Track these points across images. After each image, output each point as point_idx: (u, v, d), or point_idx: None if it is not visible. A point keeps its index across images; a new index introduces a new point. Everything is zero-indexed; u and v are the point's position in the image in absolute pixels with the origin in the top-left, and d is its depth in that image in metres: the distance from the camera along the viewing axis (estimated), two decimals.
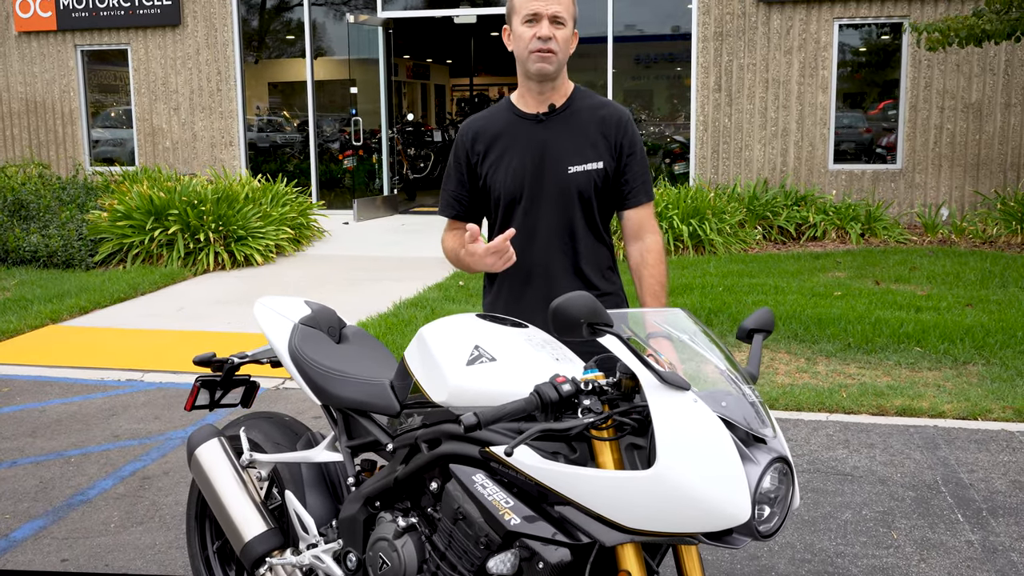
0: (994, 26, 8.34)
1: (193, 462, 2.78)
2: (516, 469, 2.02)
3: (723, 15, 11.69)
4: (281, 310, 2.82)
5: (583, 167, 2.58)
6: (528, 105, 2.62)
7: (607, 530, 1.90)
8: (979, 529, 3.66)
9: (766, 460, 1.84)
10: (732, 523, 1.79)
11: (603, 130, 2.60)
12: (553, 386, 1.94)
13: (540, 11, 2.48)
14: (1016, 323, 6.48)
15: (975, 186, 11.35)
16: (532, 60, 2.52)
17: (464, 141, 2.65)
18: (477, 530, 2.07)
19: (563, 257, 2.62)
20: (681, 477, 1.78)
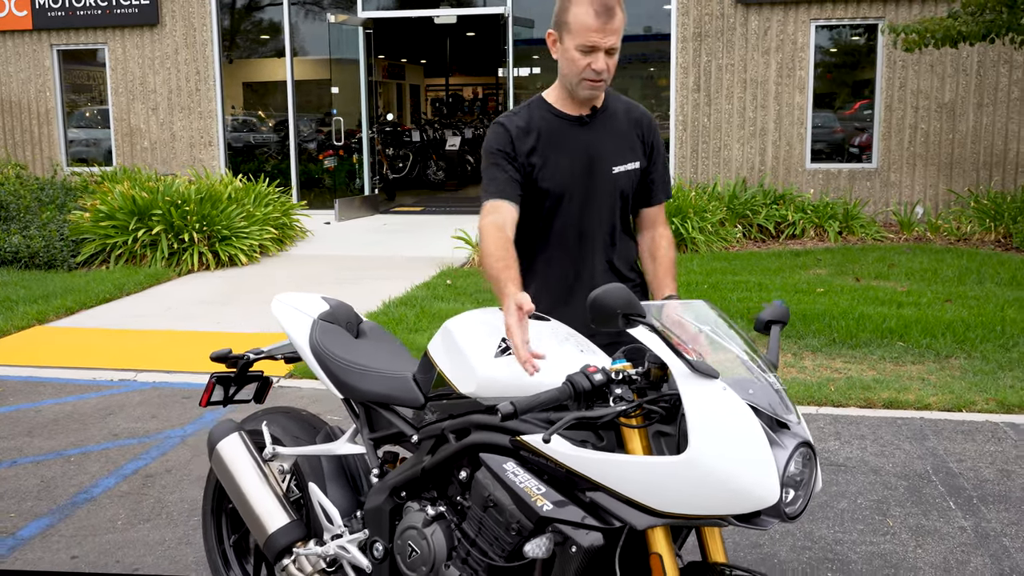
0: (969, 28, 8.52)
1: (214, 456, 2.82)
2: (548, 457, 2.08)
3: (702, 16, 11.82)
4: (300, 306, 2.86)
5: (625, 167, 2.65)
6: (568, 107, 2.64)
7: (638, 514, 1.96)
8: (971, 516, 3.77)
9: (792, 445, 1.92)
10: (761, 505, 1.86)
11: (638, 131, 2.68)
12: (585, 376, 2.01)
13: (599, 44, 2.46)
14: (995, 318, 6.64)
15: (949, 185, 11.56)
16: (583, 87, 2.54)
17: (508, 136, 2.60)
18: (508, 516, 2.13)
19: (604, 254, 2.69)
20: (713, 461, 1.85)
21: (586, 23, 2.45)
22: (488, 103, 29.40)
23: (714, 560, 2.12)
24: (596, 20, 2.44)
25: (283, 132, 13.57)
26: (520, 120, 2.63)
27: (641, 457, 1.95)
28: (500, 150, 2.59)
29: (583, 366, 2.06)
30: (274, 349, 3.04)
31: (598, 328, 1.98)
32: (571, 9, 2.48)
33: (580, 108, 2.64)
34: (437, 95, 29.02)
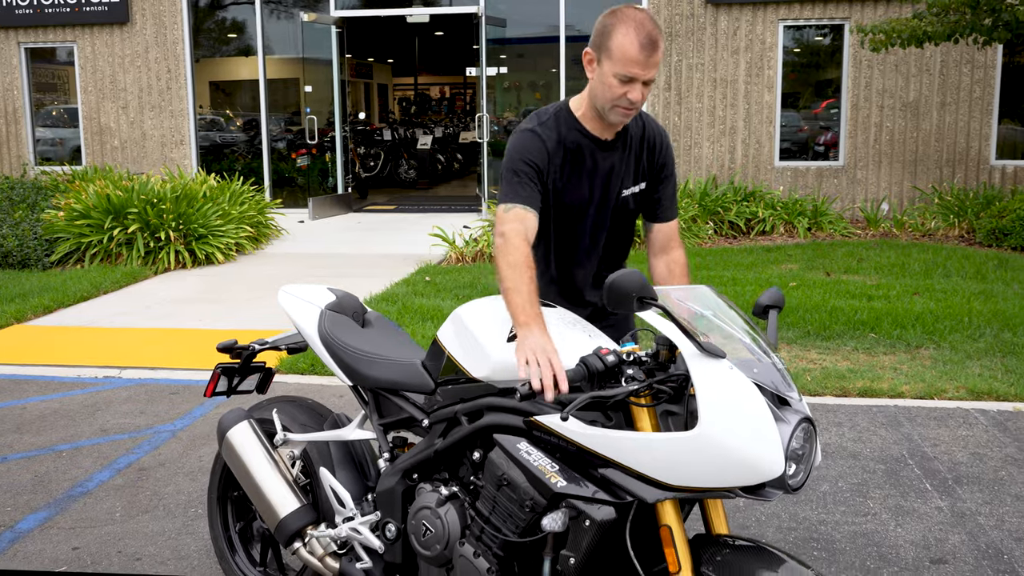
0: (935, 28, 8.75)
1: (225, 444, 2.88)
2: (561, 435, 2.17)
3: (672, 16, 11.98)
4: (307, 297, 2.94)
5: (632, 190, 2.70)
6: (595, 128, 2.62)
7: (649, 488, 2.06)
8: (947, 496, 3.93)
9: (795, 420, 2.03)
10: (768, 477, 1.97)
11: (648, 151, 2.70)
12: (599, 357, 2.11)
13: (638, 76, 2.43)
14: (962, 310, 6.84)
15: (913, 181, 11.83)
16: (616, 113, 2.52)
17: (545, 150, 2.57)
18: (522, 494, 2.22)
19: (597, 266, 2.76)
20: (723, 436, 1.96)
21: (630, 54, 2.41)
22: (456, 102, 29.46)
23: (717, 532, 2.22)
24: (640, 53, 2.41)
25: (255, 131, 13.54)
26: (551, 132, 2.59)
27: (653, 434, 2.05)
28: (533, 163, 2.55)
29: (595, 348, 2.16)
30: (279, 340, 3.11)
31: (613, 310, 2.07)
32: (615, 36, 2.44)
33: (606, 131, 2.63)
34: (405, 94, 29.02)
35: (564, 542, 2.19)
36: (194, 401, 5.30)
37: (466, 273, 8.46)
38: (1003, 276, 8.18)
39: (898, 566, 3.35)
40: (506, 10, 12.86)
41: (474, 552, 2.33)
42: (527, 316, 2.28)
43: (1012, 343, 6.08)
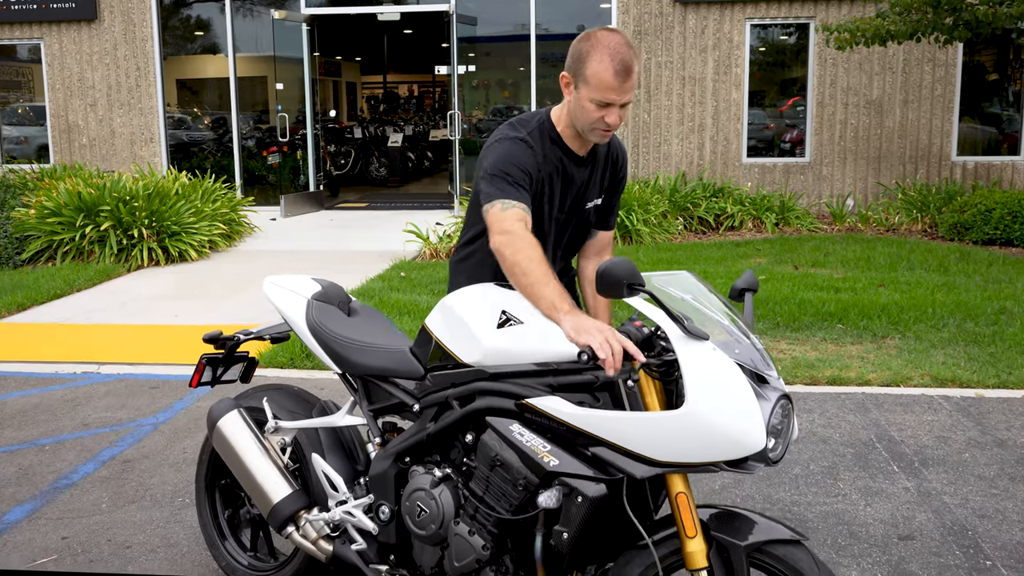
0: (897, 27, 8.95)
1: (215, 433, 2.94)
2: (552, 416, 2.27)
3: (641, 14, 12.12)
4: (293, 287, 3.00)
5: (595, 202, 2.83)
6: (574, 144, 2.70)
7: (638, 465, 2.17)
8: (913, 477, 4.07)
9: (774, 397, 2.14)
10: (751, 451, 2.07)
11: (612, 167, 2.83)
12: (636, 328, 2.23)
13: (614, 101, 2.51)
14: (925, 301, 7.03)
15: (877, 177, 12.07)
16: (594, 135, 2.62)
17: (535, 160, 2.63)
18: (515, 474, 2.31)
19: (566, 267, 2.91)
20: (708, 414, 2.06)
21: (605, 80, 2.48)
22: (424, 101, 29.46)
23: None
24: (615, 79, 2.47)
25: (224, 129, 13.51)
26: (539, 144, 2.66)
27: (641, 413, 2.15)
28: (527, 171, 2.59)
29: (631, 319, 2.26)
30: (263, 330, 3.17)
31: (605, 296, 2.17)
32: (590, 63, 2.49)
33: (582, 148, 2.72)
34: (373, 92, 28.97)
35: (556, 518, 2.28)
36: (174, 395, 5.33)
37: (441, 269, 8.54)
38: (965, 269, 8.40)
39: (868, 543, 3.49)
40: (477, 8, 12.93)
41: (469, 530, 2.42)
42: (567, 303, 2.31)
43: (974, 332, 6.27)
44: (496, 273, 2.62)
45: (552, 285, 2.35)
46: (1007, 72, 12.29)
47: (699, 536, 2.18)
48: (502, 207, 2.52)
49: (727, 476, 4.09)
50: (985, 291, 7.44)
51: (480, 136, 13.70)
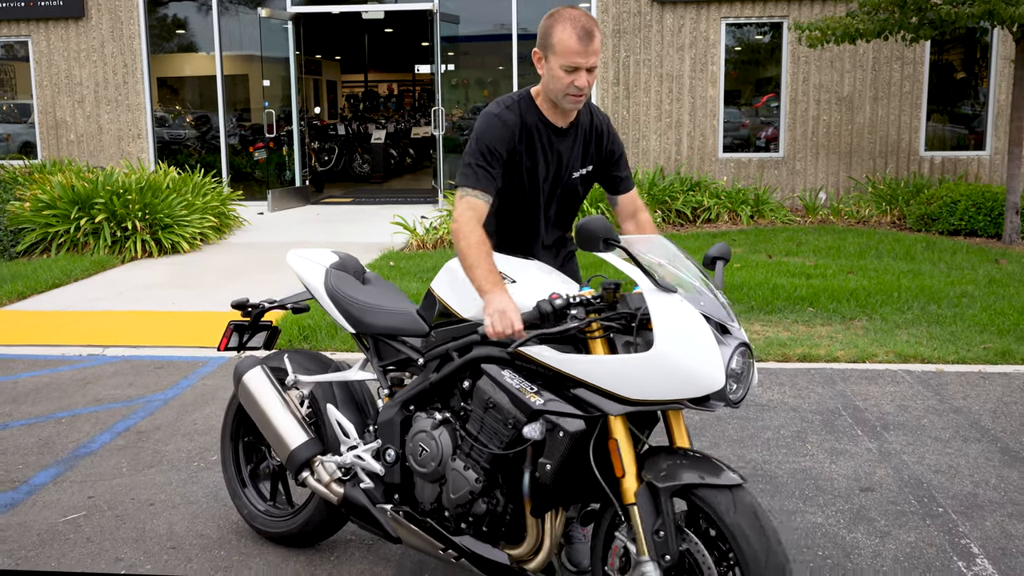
0: (866, 26, 9.32)
1: (241, 387, 3.23)
2: (540, 362, 2.57)
3: (620, 13, 12.46)
4: (313, 258, 3.30)
5: (580, 172, 3.09)
6: (554, 117, 2.96)
7: (612, 403, 2.47)
8: (875, 439, 4.41)
9: (734, 344, 2.45)
10: (710, 390, 2.38)
11: (595, 138, 3.09)
12: (549, 302, 2.51)
13: (580, 64, 2.78)
14: (892, 286, 7.40)
15: (848, 172, 12.47)
16: (567, 101, 2.86)
17: (507, 134, 2.90)
18: (505, 414, 2.61)
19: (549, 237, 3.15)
20: (674, 356, 2.36)
21: (569, 46, 2.76)
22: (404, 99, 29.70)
23: (678, 445, 2.63)
24: (579, 44, 2.75)
25: (211, 125, 13.71)
26: (515, 116, 2.93)
27: (616, 356, 2.46)
28: (494, 149, 2.86)
29: (549, 294, 2.56)
30: (285, 299, 3.47)
31: (583, 249, 2.47)
32: (555, 33, 2.79)
33: (560, 119, 2.97)
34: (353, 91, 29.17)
35: (541, 454, 2.57)
36: (180, 374, 5.59)
37: (428, 259, 8.82)
38: (930, 257, 8.79)
39: (832, 494, 3.82)
40: (459, 7, 13.22)
41: (464, 466, 2.71)
42: (489, 284, 2.64)
43: (936, 314, 6.64)
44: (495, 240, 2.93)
45: (483, 267, 2.68)
46: (974, 71, 12.72)
47: (629, 475, 2.47)
48: (461, 195, 2.85)
49: (707, 437, 4.41)
50: (948, 277, 7.82)
51: (462, 133, 13.98)
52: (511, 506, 2.72)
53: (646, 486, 2.45)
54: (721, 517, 2.34)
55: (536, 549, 2.68)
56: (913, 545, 3.38)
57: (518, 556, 2.71)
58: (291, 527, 3.32)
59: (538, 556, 2.68)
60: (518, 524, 2.73)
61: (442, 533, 2.81)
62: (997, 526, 3.52)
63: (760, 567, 2.28)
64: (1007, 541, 3.40)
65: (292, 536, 3.33)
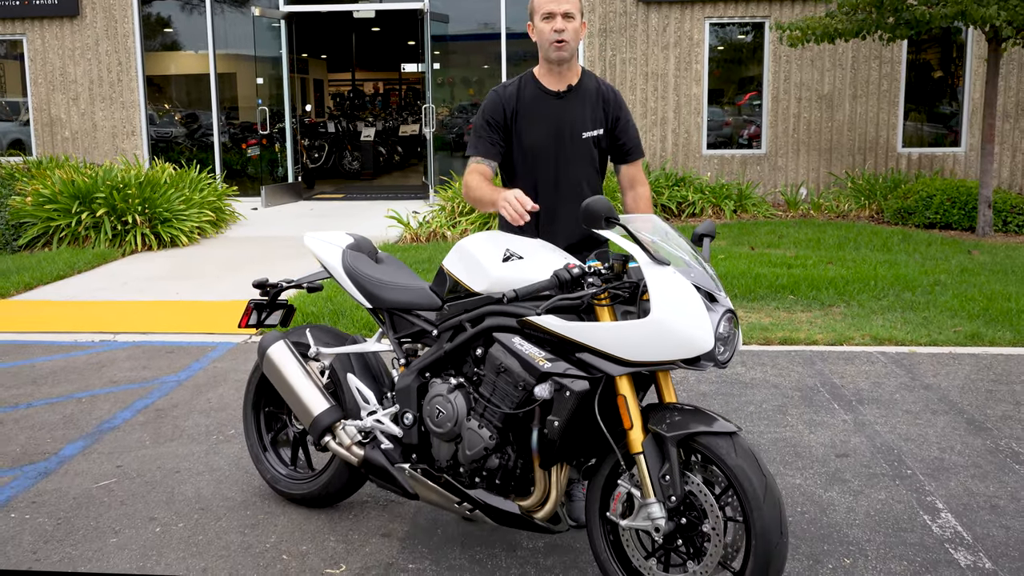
0: (844, 26, 9.65)
1: (265, 360, 3.50)
2: (547, 330, 2.85)
3: (607, 13, 12.76)
4: (330, 240, 3.57)
5: (592, 133, 3.40)
6: (550, 83, 3.36)
7: (613, 365, 2.75)
8: (850, 412, 4.72)
9: (721, 310, 2.74)
10: (701, 351, 2.66)
11: (603, 105, 3.42)
12: (567, 270, 2.79)
13: (554, 10, 3.25)
14: (869, 275, 7.73)
15: (828, 168, 12.82)
16: (552, 49, 3.28)
17: (503, 103, 3.34)
18: (516, 377, 2.89)
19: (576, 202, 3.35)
20: (669, 321, 2.65)
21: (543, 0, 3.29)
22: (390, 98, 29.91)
23: (668, 401, 2.92)
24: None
25: (205, 123, 13.92)
26: (511, 90, 3.38)
27: (617, 322, 2.75)
28: (490, 119, 3.32)
29: (565, 264, 2.85)
30: (302, 279, 3.74)
31: (587, 227, 2.76)
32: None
33: (559, 84, 3.36)
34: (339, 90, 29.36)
35: (549, 413, 2.86)
36: (190, 358, 5.85)
37: (422, 251, 9.09)
38: (906, 248, 9.14)
39: (810, 459, 4.12)
40: (449, 7, 13.48)
41: (478, 425, 2.99)
42: (495, 193, 3.16)
43: (910, 300, 6.97)
44: None
45: (487, 189, 3.23)
46: (951, 69, 13.10)
47: (636, 428, 2.76)
48: (469, 164, 3.36)
49: None
50: (923, 267, 8.16)
51: (451, 131, 14.25)
52: (521, 461, 3.00)
53: (652, 436, 2.73)
54: (724, 460, 2.63)
55: (543, 500, 2.96)
56: (884, 502, 3.69)
57: (527, 507, 2.99)
58: (312, 489, 3.59)
59: (545, 506, 2.96)
60: (527, 478, 3.02)
61: (457, 487, 3.09)
62: (961, 486, 3.83)
63: (760, 502, 2.57)
64: (969, 498, 3.72)
65: (313, 497, 3.60)
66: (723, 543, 2.67)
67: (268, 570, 3.20)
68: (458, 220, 10.07)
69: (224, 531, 3.49)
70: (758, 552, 2.59)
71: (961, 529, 3.45)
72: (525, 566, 3.21)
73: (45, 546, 3.38)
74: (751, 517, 2.59)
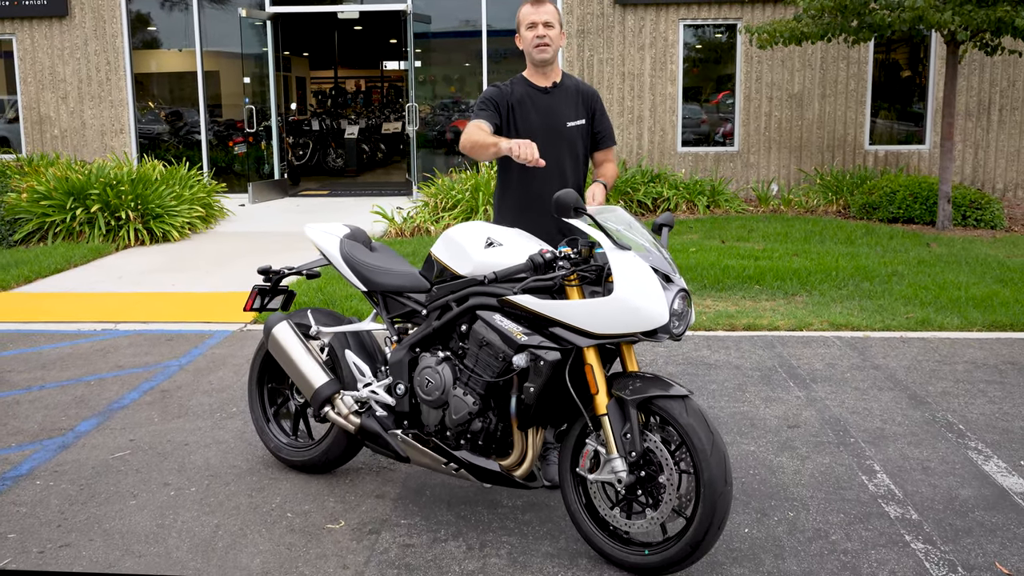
0: (811, 29, 10.09)
1: (270, 338, 3.87)
2: (524, 307, 3.24)
3: (584, 15, 13.16)
4: (328, 230, 3.95)
5: (575, 123, 3.91)
6: (538, 80, 3.93)
7: (581, 338, 3.14)
8: (804, 389, 5.14)
9: (675, 290, 3.14)
10: (658, 324, 3.06)
11: (583, 99, 3.96)
12: (540, 255, 3.19)
13: (536, 20, 3.83)
14: (831, 266, 8.17)
15: (798, 164, 13.28)
16: (536, 52, 3.84)
17: (501, 92, 3.88)
18: (496, 350, 3.28)
19: (559, 185, 3.84)
20: (630, 299, 3.05)
21: (525, 11, 3.85)
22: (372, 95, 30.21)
23: (630, 370, 3.32)
24: (531, 7, 3.84)
25: (192, 121, 14.22)
26: (507, 86, 3.94)
27: (585, 300, 3.14)
28: (491, 98, 3.87)
29: (539, 249, 3.24)
30: (302, 266, 4.11)
31: (558, 216, 3.15)
32: (518, 12, 3.88)
33: (543, 80, 3.91)
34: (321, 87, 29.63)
35: (525, 380, 3.24)
36: (190, 344, 6.20)
37: (407, 245, 9.46)
38: (869, 241, 9.59)
39: (764, 430, 4.54)
40: (431, 7, 13.84)
41: (463, 392, 3.38)
42: (498, 139, 3.58)
43: (869, 290, 7.41)
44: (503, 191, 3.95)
45: (484, 134, 3.67)
46: (917, 69, 13.59)
47: (601, 392, 3.15)
48: (471, 121, 3.83)
49: None
50: (883, 259, 8.61)
51: (433, 129, 14.61)
52: (501, 425, 3.39)
53: (615, 400, 3.13)
54: (676, 419, 3.03)
55: (521, 460, 3.35)
56: (827, 466, 4.11)
57: (507, 466, 3.38)
58: (312, 456, 3.97)
59: (523, 465, 3.35)
60: (506, 440, 3.41)
61: (445, 449, 3.47)
62: (897, 451, 4.26)
63: (707, 455, 2.97)
64: (904, 462, 4.14)
65: (313, 464, 3.98)
66: (677, 493, 3.07)
67: (275, 526, 3.57)
68: (441, 216, 10.44)
69: (233, 494, 3.86)
70: (706, 499, 2.99)
71: (894, 487, 3.87)
72: (505, 520, 3.60)
73: (71, 508, 3.74)
74: (700, 468, 2.99)
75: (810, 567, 3.23)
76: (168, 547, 3.41)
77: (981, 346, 6.01)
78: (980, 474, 4.01)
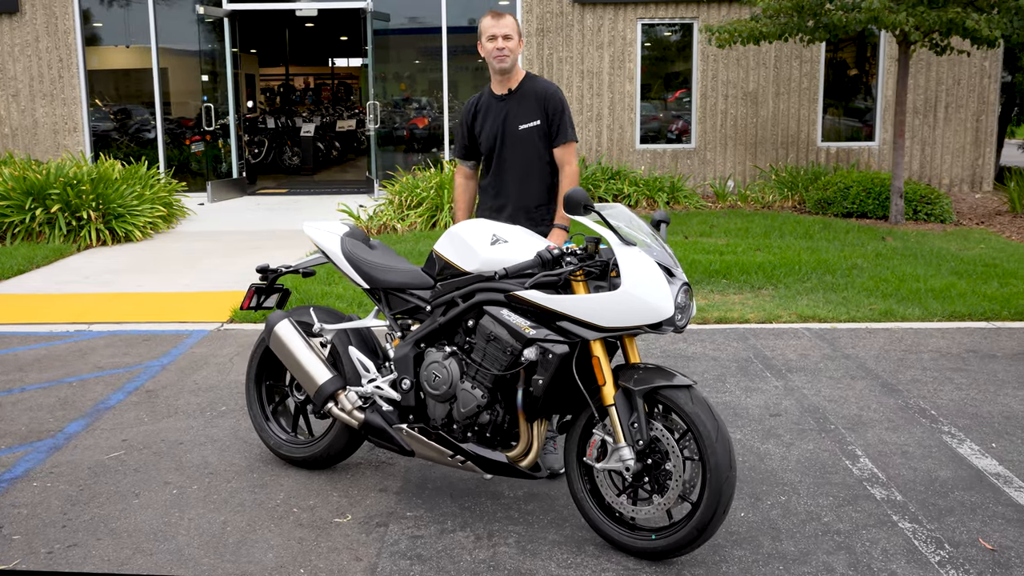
0: (768, 29, 10.33)
1: (272, 336, 3.91)
2: (532, 302, 3.34)
3: (544, 13, 13.28)
4: (328, 228, 4.00)
5: (527, 125, 4.13)
6: (497, 89, 4.22)
7: (588, 331, 3.25)
8: (781, 379, 5.32)
9: (679, 283, 3.26)
10: (663, 317, 3.17)
11: (540, 101, 4.15)
12: (548, 251, 3.29)
13: (496, 32, 4.10)
14: (793, 260, 8.39)
15: (754, 161, 13.56)
16: (495, 61, 4.12)
17: (470, 109, 4.29)
18: (505, 344, 3.37)
19: (521, 185, 4.13)
20: (636, 292, 3.16)
21: (486, 24, 4.12)
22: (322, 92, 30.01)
23: (633, 361, 3.43)
24: (491, 20, 4.11)
25: (148, 119, 14.03)
26: (475, 99, 4.31)
27: (592, 294, 3.24)
28: (463, 120, 4.31)
29: (547, 246, 3.34)
30: (298, 265, 4.16)
31: (569, 214, 3.25)
32: (480, 24, 4.15)
33: (503, 89, 4.20)
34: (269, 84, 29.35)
35: (533, 374, 3.34)
36: (169, 344, 6.18)
37: None
38: (826, 235, 9.85)
39: (747, 419, 4.69)
40: (390, 5, 13.83)
41: (471, 386, 3.47)
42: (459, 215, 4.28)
43: (831, 283, 7.64)
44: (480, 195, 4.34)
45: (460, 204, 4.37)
46: (865, 68, 13.96)
47: (608, 384, 3.27)
48: (456, 164, 4.35)
49: None
50: (842, 252, 8.87)
51: (392, 127, 14.61)
52: (508, 417, 3.48)
53: (622, 390, 3.24)
54: (682, 408, 3.14)
55: (527, 451, 3.44)
56: (812, 452, 4.27)
57: (512, 457, 3.47)
58: (313, 452, 4.02)
59: (528, 456, 3.45)
60: (511, 433, 3.50)
61: (451, 442, 3.55)
62: (876, 436, 4.44)
63: (713, 442, 3.09)
64: (883, 446, 4.32)
65: (314, 460, 4.03)
66: (682, 479, 3.19)
67: (282, 521, 3.62)
68: (406, 213, 10.48)
69: (236, 491, 3.89)
70: (712, 484, 3.11)
71: (877, 471, 4.04)
72: (509, 511, 3.69)
73: (73, 508, 3.74)
74: (706, 455, 3.11)
75: (807, 547, 3.38)
76: (179, 544, 3.44)
77: (943, 335, 6.26)
78: (956, 456, 4.20)
